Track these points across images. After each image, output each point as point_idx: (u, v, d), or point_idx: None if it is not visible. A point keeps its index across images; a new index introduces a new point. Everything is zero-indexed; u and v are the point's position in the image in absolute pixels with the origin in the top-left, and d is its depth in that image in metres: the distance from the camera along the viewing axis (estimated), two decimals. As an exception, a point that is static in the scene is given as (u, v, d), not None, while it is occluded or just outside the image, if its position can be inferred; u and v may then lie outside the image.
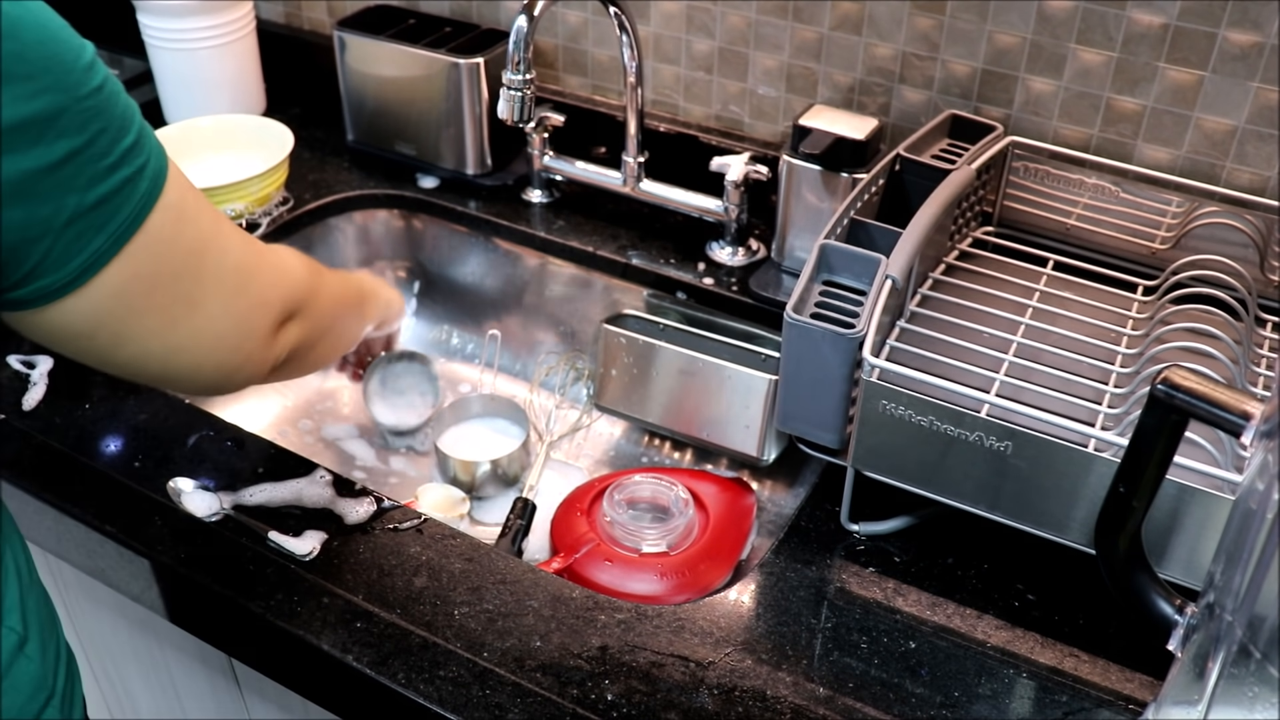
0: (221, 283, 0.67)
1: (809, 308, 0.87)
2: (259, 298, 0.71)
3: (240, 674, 0.96)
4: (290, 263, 0.77)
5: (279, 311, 0.73)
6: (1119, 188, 1.02)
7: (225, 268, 0.67)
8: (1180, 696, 0.57)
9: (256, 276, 0.71)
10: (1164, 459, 0.59)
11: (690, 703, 0.74)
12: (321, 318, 0.81)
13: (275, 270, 0.73)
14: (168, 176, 0.62)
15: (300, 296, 0.76)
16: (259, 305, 0.71)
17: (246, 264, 0.69)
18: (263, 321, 0.71)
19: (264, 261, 0.72)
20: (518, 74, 1.01)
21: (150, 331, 0.64)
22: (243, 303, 0.69)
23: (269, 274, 0.72)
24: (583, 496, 1.01)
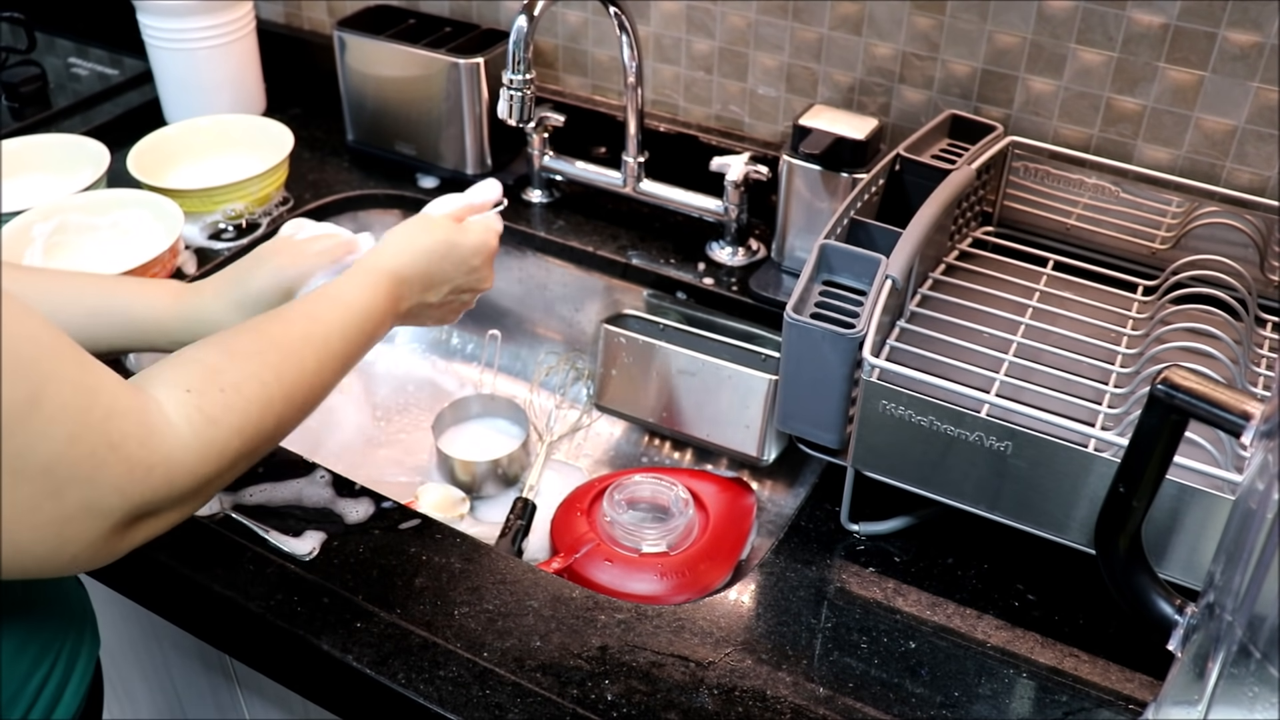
0: (16, 487, 0.52)
1: (809, 308, 0.87)
2: (85, 505, 0.55)
3: (240, 674, 0.96)
4: (168, 447, 0.58)
5: (124, 515, 0.57)
6: (1119, 188, 1.02)
7: (28, 468, 0.52)
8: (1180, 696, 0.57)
9: (84, 481, 0.54)
10: (1164, 459, 0.59)
11: (690, 703, 0.74)
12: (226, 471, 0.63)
13: (125, 470, 0.56)
14: None
15: (176, 492, 0.59)
16: (84, 513, 0.55)
17: (70, 463, 0.53)
18: (90, 529, 0.55)
19: (110, 458, 0.55)
20: (518, 74, 1.01)
21: None
22: (52, 511, 0.54)
23: (113, 476, 0.55)
24: (583, 496, 1.01)
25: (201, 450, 0.60)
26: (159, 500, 0.58)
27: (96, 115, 1.43)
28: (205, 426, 0.61)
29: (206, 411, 0.61)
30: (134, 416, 0.57)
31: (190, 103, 1.37)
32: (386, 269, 0.81)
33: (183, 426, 0.60)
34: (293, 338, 0.70)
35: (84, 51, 1.59)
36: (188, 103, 1.37)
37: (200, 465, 0.60)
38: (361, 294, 0.77)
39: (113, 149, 1.24)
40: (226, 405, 0.62)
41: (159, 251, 1.07)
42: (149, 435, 0.58)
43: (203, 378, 0.63)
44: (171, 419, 0.59)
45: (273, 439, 0.67)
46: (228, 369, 0.64)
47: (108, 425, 0.55)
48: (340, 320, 0.74)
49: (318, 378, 0.71)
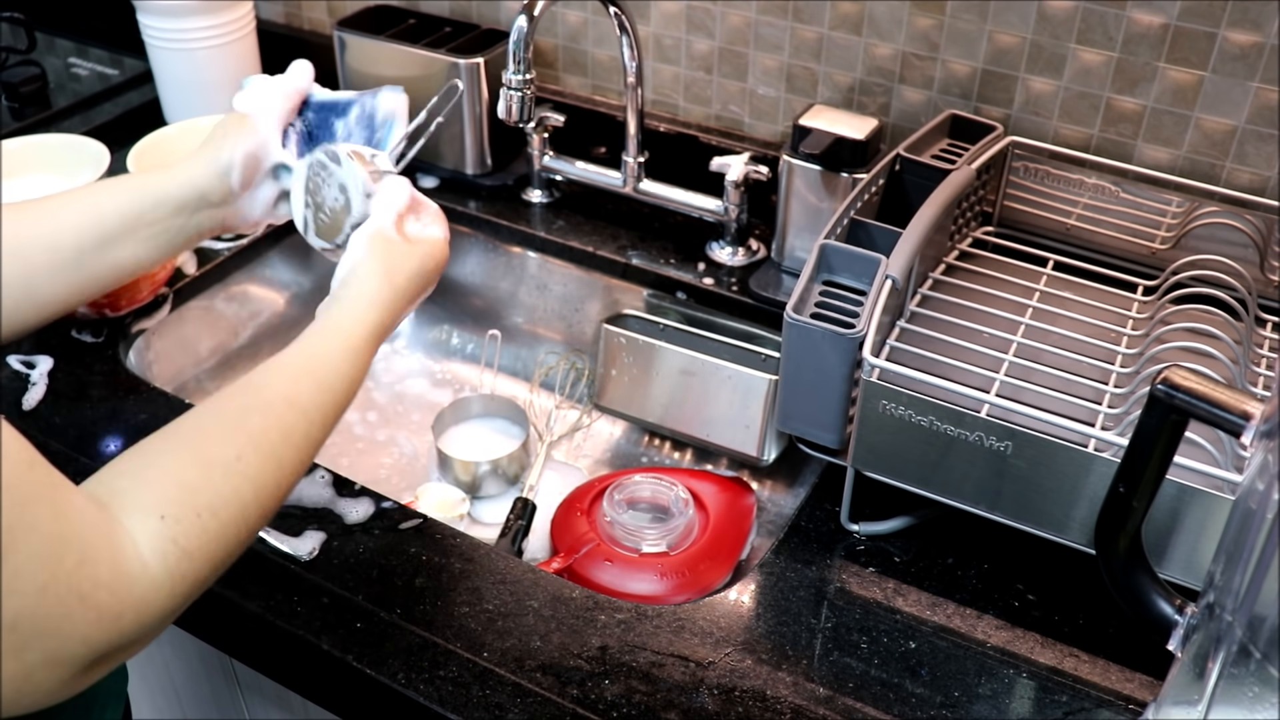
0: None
1: (809, 308, 0.87)
2: (48, 657, 0.51)
3: (240, 674, 0.96)
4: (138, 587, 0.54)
5: (89, 661, 0.53)
6: (1119, 188, 1.02)
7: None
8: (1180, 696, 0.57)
9: (50, 635, 0.50)
10: (1164, 459, 0.59)
11: (690, 703, 0.74)
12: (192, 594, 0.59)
13: (93, 620, 0.52)
14: None
15: (143, 630, 0.55)
16: (47, 664, 0.51)
17: (35, 618, 0.50)
18: (53, 676, 0.52)
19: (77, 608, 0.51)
20: (518, 74, 1.01)
21: None
22: (14, 665, 0.50)
23: (80, 627, 0.52)
24: (583, 496, 1.01)
25: (173, 587, 0.56)
26: (124, 643, 0.54)
27: (96, 115, 1.43)
28: (179, 560, 0.56)
29: (182, 544, 0.57)
30: (106, 561, 0.53)
31: (190, 103, 1.36)
32: (373, 327, 0.74)
33: (155, 564, 0.55)
34: (272, 436, 0.65)
35: (84, 51, 1.58)
36: (188, 103, 1.37)
37: (171, 602, 0.56)
38: (346, 368, 0.71)
39: (113, 149, 1.24)
40: (203, 532, 0.58)
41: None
42: (121, 581, 0.53)
43: (180, 501, 0.58)
44: (145, 557, 0.55)
45: (242, 549, 0.62)
46: (204, 488, 0.59)
47: (79, 574, 0.51)
48: (322, 404, 0.69)
49: (294, 477, 0.66)
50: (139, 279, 1.06)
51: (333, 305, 0.75)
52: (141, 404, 0.98)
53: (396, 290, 0.76)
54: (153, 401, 0.99)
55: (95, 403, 0.98)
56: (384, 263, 0.77)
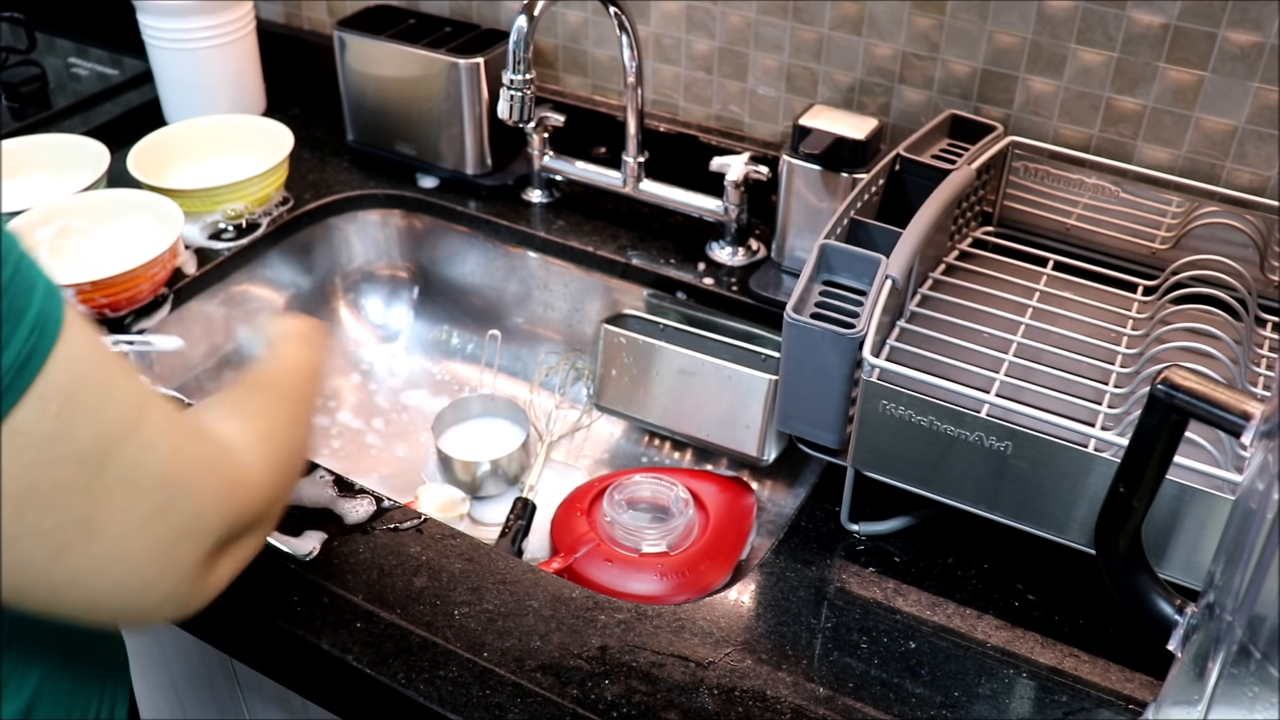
0: (134, 501, 0.51)
1: (809, 308, 0.87)
2: (189, 523, 0.54)
3: (240, 674, 0.96)
4: (247, 466, 0.61)
5: (219, 537, 0.57)
6: (1119, 188, 1.02)
7: (142, 479, 0.51)
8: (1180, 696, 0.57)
9: (190, 493, 0.54)
10: (1164, 459, 0.59)
11: (690, 703, 0.74)
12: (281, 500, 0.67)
13: (221, 484, 0.57)
14: (54, 353, 0.47)
15: (256, 511, 0.61)
16: (188, 533, 0.54)
17: (177, 475, 0.53)
18: (192, 552, 0.55)
19: (206, 471, 0.56)
20: (518, 74, 1.01)
21: (25, 563, 0.48)
22: (163, 528, 0.53)
23: (212, 489, 0.56)
24: (583, 496, 1.02)
25: (268, 466, 0.64)
26: (245, 518, 0.59)
27: (96, 115, 1.43)
28: (260, 440, 0.64)
29: (258, 426, 0.65)
30: (213, 436, 0.60)
31: (190, 103, 1.36)
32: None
33: (247, 445, 0.63)
34: (271, 381, 0.76)
35: (84, 51, 1.58)
36: (188, 103, 1.37)
37: (270, 479, 0.63)
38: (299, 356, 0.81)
39: (113, 149, 1.24)
40: (271, 419, 0.68)
41: (159, 252, 1.07)
42: (230, 452, 0.60)
43: (235, 409, 0.68)
44: (236, 441, 0.62)
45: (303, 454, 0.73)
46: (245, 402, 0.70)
47: (199, 442, 0.57)
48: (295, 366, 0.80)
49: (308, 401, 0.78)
50: (139, 278, 1.06)
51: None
52: (141, 404, 0.98)
53: None
54: (153, 401, 0.98)
55: (95, 403, 0.98)
56: None
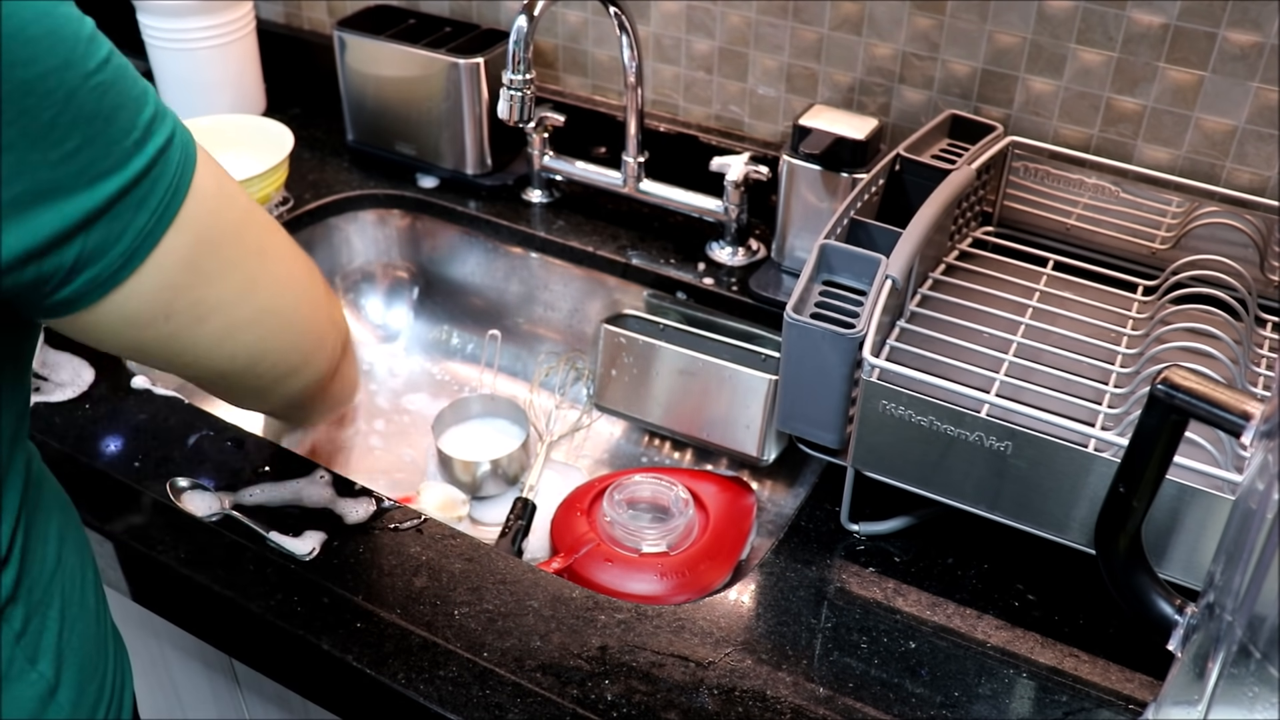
0: (279, 232, 0.65)
1: (809, 308, 0.87)
2: (329, 312, 0.70)
3: (240, 674, 0.96)
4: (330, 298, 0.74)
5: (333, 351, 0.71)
6: (1119, 188, 1.02)
7: (299, 254, 0.66)
8: (1180, 696, 0.57)
9: (325, 290, 0.69)
10: (1164, 459, 0.59)
11: (690, 703, 0.74)
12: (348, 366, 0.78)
13: (332, 299, 0.72)
14: (195, 142, 0.59)
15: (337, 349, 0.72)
16: (329, 322, 0.70)
17: (312, 271, 0.68)
18: (332, 342, 0.70)
19: (322, 287, 0.70)
20: (518, 74, 1.01)
21: (232, 294, 0.60)
22: (304, 261, 0.67)
23: (329, 302, 0.71)
24: (583, 496, 1.01)
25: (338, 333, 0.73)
26: (337, 353, 0.71)
27: (96, 115, 1.43)
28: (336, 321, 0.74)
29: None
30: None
31: (190, 103, 1.36)
32: None
33: None
34: None
35: (84, 51, 1.58)
36: (188, 103, 1.37)
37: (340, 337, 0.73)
38: None
39: (113, 149, 1.23)
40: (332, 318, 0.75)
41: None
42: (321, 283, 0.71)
43: None
44: None
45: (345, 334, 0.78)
46: None
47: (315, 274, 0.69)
48: None
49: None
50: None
51: None
52: (141, 404, 0.98)
53: None
54: (152, 402, 0.99)
55: (95, 403, 0.98)
56: None
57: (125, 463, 0.92)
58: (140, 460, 0.92)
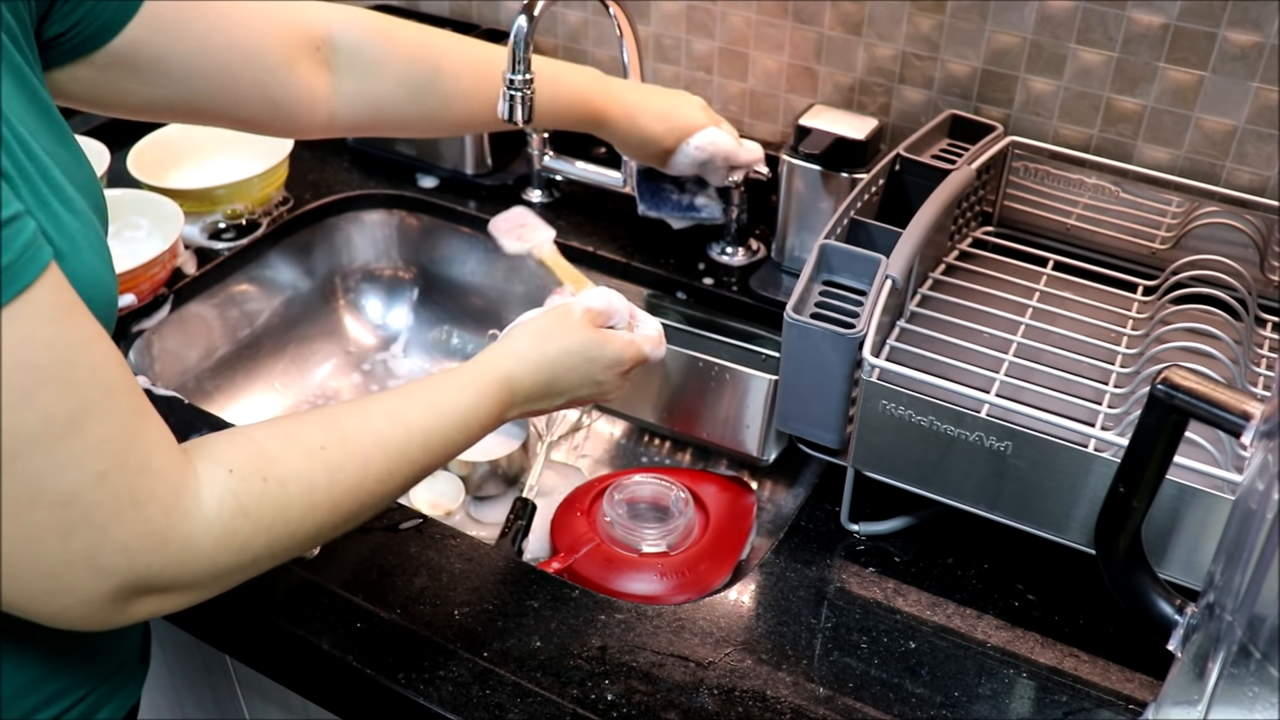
0: (29, 514, 0.49)
1: (809, 308, 0.87)
2: (90, 554, 0.51)
3: (240, 674, 0.96)
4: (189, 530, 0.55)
5: (128, 582, 0.53)
6: (1119, 188, 1.02)
7: (43, 496, 0.49)
8: (1180, 696, 0.57)
9: (96, 529, 0.51)
10: (1164, 459, 0.59)
11: (690, 703, 0.74)
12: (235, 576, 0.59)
13: (141, 534, 0.53)
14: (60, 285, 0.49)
15: (185, 577, 0.55)
16: (88, 565, 0.52)
17: (88, 504, 0.51)
18: (93, 583, 0.52)
19: (127, 513, 0.52)
20: (518, 74, 1.01)
21: None
22: (58, 550, 0.51)
23: (126, 534, 0.52)
24: (583, 496, 1.01)
25: (222, 539, 0.56)
26: (166, 578, 0.55)
27: (96, 115, 1.43)
28: (234, 516, 0.57)
29: (241, 500, 0.57)
30: (167, 481, 0.54)
31: (190, 103, 1.36)
32: (502, 375, 0.73)
33: (211, 510, 0.56)
34: (366, 439, 0.64)
35: (84, 51, 1.58)
36: (188, 103, 1.37)
37: (218, 554, 0.56)
38: (464, 400, 0.70)
39: (113, 149, 1.24)
40: (267, 498, 0.58)
41: (159, 252, 1.07)
42: (175, 506, 0.54)
43: (251, 462, 0.59)
44: (203, 499, 0.56)
45: (305, 545, 0.62)
46: (281, 459, 0.60)
47: (139, 479, 0.53)
48: (427, 428, 0.68)
49: (379, 487, 0.65)
50: (139, 278, 1.06)
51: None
52: (141, 404, 0.98)
53: (543, 354, 0.76)
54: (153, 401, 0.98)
55: (95, 403, 0.98)
56: (543, 326, 0.78)
57: (125, 463, 0.92)
58: (140, 460, 0.92)
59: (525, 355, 0.76)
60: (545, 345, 0.77)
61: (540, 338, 0.77)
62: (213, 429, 0.95)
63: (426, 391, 0.70)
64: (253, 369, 1.23)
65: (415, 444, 0.67)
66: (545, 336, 0.77)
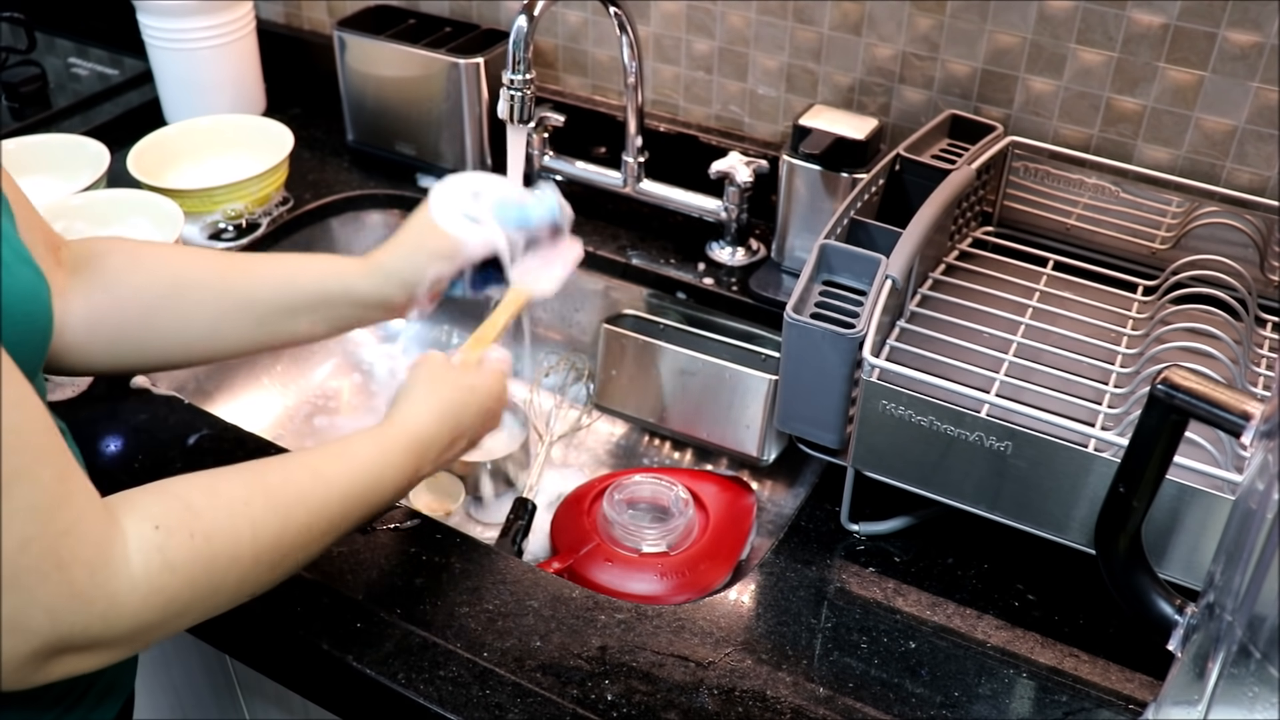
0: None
1: (809, 308, 0.87)
2: (12, 618, 0.52)
3: (239, 674, 0.96)
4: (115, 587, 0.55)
5: (49, 642, 0.53)
6: (1119, 188, 1.02)
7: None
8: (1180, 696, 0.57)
9: (19, 592, 0.51)
10: (1164, 459, 0.59)
11: (690, 703, 0.74)
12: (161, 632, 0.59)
13: (65, 594, 0.53)
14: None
15: (109, 634, 0.56)
16: (8, 628, 0.52)
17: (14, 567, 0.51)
18: (9, 646, 0.52)
19: (52, 575, 0.52)
20: (518, 74, 1.01)
21: None
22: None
23: (50, 596, 0.52)
24: (583, 496, 1.02)
25: (149, 596, 0.57)
26: (90, 636, 0.55)
27: (96, 115, 1.43)
28: (160, 572, 0.57)
29: (168, 556, 0.58)
30: (92, 542, 0.54)
31: (190, 103, 1.36)
32: (409, 432, 0.76)
33: (138, 566, 0.56)
34: (287, 493, 0.66)
35: (84, 51, 1.58)
36: (188, 103, 1.37)
37: (144, 611, 0.56)
38: (378, 456, 0.73)
39: (113, 149, 1.24)
40: (193, 553, 0.59)
41: (159, 251, 1.07)
42: (101, 566, 0.54)
43: (177, 518, 0.59)
44: (130, 556, 0.56)
45: (230, 599, 0.63)
46: (205, 513, 0.61)
47: (64, 542, 0.53)
48: (347, 481, 0.70)
49: (301, 539, 0.66)
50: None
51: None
52: (141, 404, 0.98)
53: (440, 398, 0.79)
54: (152, 402, 0.99)
55: (95, 403, 0.98)
56: (426, 379, 0.81)
57: (125, 463, 0.92)
58: (140, 460, 0.92)
59: (424, 411, 0.78)
60: (435, 396, 0.79)
61: (430, 394, 0.79)
62: (212, 429, 0.96)
63: (342, 446, 0.73)
64: (253, 369, 1.23)
65: (334, 498, 0.68)
66: (433, 391, 0.80)
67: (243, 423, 0.98)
